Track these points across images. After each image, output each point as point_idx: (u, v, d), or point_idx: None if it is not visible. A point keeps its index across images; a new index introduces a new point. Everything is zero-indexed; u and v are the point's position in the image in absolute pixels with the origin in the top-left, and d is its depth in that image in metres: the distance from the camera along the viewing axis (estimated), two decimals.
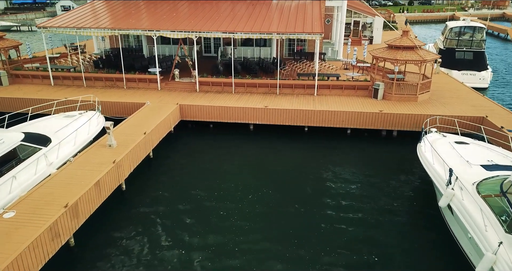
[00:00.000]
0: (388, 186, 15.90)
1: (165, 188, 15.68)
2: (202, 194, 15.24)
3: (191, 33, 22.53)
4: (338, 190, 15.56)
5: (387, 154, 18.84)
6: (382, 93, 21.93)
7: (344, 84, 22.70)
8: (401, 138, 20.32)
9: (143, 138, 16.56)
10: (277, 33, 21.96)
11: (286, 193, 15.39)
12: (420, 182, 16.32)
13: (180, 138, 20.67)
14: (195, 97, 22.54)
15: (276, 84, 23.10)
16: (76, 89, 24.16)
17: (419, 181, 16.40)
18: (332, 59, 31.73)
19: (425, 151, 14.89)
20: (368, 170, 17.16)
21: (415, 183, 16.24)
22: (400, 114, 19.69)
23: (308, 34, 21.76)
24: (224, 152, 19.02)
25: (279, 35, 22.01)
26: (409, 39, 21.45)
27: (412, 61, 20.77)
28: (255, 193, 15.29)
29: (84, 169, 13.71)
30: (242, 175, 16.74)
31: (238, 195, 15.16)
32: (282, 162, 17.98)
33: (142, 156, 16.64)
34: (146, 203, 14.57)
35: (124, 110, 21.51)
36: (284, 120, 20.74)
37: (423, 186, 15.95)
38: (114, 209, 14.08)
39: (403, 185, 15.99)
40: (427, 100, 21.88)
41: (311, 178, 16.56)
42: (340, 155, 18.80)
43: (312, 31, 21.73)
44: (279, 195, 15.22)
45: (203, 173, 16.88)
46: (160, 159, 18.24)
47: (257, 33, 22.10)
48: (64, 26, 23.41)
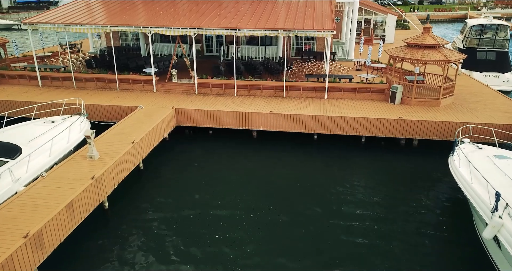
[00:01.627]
0: (410, 206, 13.71)
1: (155, 206, 13.63)
2: (198, 213, 13.16)
3: (189, 30, 20.48)
4: (351, 210, 13.40)
5: (407, 166, 16.64)
6: (400, 97, 19.72)
7: (358, 86, 20.51)
8: (422, 147, 18.10)
9: (130, 148, 14.53)
10: (284, 30, 19.84)
11: (292, 212, 13.26)
12: (449, 201, 14.11)
13: (176, 146, 18.63)
14: (193, 100, 20.49)
15: (282, 87, 20.98)
16: (64, 90, 22.23)
17: (448, 200, 14.19)
18: (342, 59, 29.53)
19: (459, 166, 12.70)
20: (386, 186, 14.98)
21: (444, 202, 14.03)
22: (423, 121, 17.46)
23: (319, 31, 19.61)
24: (223, 163, 16.95)
25: (286, 33, 19.89)
26: (432, 37, 19.22)
27: (435, 61, 18.54)
28: (257, 213, 13.18)
29: (56, 186, 11.69)
30: (243, 191, 14.65)
31: (238, 214, 13.06)
32: (288, 175, 15.86)
33: (129, 169, 14.61)
34: (132, 225, 12.53)
35: (114, 115, 19.52)
36: (291, 127, 18.61)
37: (455, 207, 13.74)
38: (92, 232, 12.05)
39: (428, 205, 13.79)
40: (450, 105, 19.62)
41: (321, 194, 14.42)
42: (354, 167, 16.63)
43: (323, 27, 19.58)
44: (284, 214, 13.09)
45: (199, 188, 14.81)
46: (151, 171, 16.20)
47: (261, 30, 19.99)
48: (51, 22, 21.48)
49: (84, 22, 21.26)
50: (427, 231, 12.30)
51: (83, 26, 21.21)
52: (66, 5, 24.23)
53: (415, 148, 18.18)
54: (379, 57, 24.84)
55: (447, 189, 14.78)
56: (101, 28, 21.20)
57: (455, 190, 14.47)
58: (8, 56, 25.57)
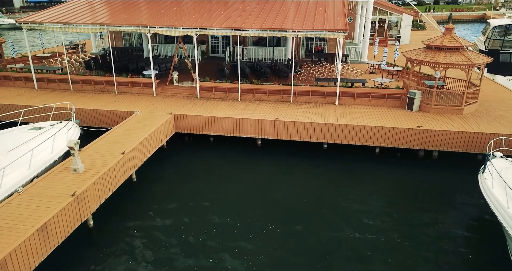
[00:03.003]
0: (431, 228, 12.11)
1: (146, 224, 12.30)
2: (193, 233, 11.77)
3: (191, 30, 19.15)
4: (362, 234, 11.85)
5: (426, 181, 15.00)
6: (418, 104, 18.07)
7: (372, 92, 18.92)
8: (443, 160, 16.44)
9: (120, 160, 13.24)
10: (293, 30, 18.36)
11: (297, 233, 11.80)
12: (477, 223, 12.47)
13: (174, 155, 17.31)
14: (194, 105, 19.15)
15: (289, 91, 19.51)
16: (60, 93, 21.12)
17: (475, 222, 12.55)
18: (355, 61, 27.89)
19: (492, 186, 11.10)
20: (403, 204, 13.40)
21: (470, 225, 12.38)
22: (445, 131, 15.81)
23: (330, 32, 18.09)
24: (224, 175, 15.56)
25: (294, 33, 18.41)
26: (454, 38, 17.53)
27: (458, 65, 16.86)
28: (258, 233, 11.76)
29: (32, 204, 10.44)
30: (244, 206, 13.23)
31: (235, 234, 11.64)
32: (293, 190, 14.38)
33: (119, 182, 13.32)
34: (119, 246, 11.22)
35: (109, 120, 18.30)
36: (298, 135, 17.13)
37: (483, 231, 12.08)
38: (73, 256, 10.78)
39: (452, 228, 12.16)
40: (474, 113, 17.90)
41: (329, 213, 12.91)
42: (366, 181, 15.07)
43: (334, 28, 18.05)
44: (289, 236, 11.63)
45: (196, 204, 13.44)
46: (145, 183, 14.89)
47: (268, 30, 18.55)
48: (47, 22, 20.39)
49: (80, 21, 20.11)
50: (452, 260, 10.71)
51: (79, 25, 20.06)
52: (65, 4, 23.17)
53: (435, 160, 16.53)
54: (394, 60, 23.20)
55: (474, 209, 13.13)
56: (98, 27, 20.01)
57: (483, 209, 12.85)
58: (7, 57, 24.62)
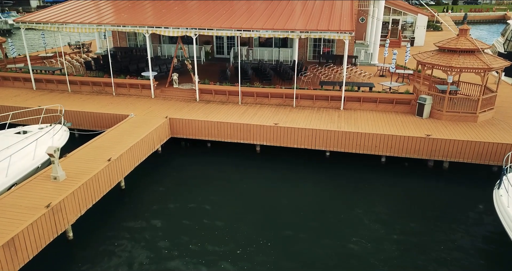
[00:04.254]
0: (439, 248, 11.01)
1: (132, 236, 11.53)
2: (184, 246, 10.96)
3: (190, 30, 18.38)
4: (364, 252, 10.85)
5: (436, 194, 13.87)
6: (429, 110, 16.88)
7: (379, 96, 17.80)
8: (454, 171, 15.25)
9: (105, 167, 12.52)
10: (296, 31, 17.40)
11: (294, 245, 10.86)
12: (491, 244, 11.30)
13: (168, 161, 16.56)
14: (191, 108, 18.37)
15: (292, 95, 18.55)
16: (58, 95, 20.62)
17: (489, 242, 11.38)
18: (365, 63, 26.73)
19: (508, 204, 10.00)
20: (409, 219, 12.31)
21: (484, 245, 11.22)
22: (456, 141, 14.63)
23: (335, 33, 17.06)
24: (220, 182, 14.71)
25: (297, 34, 17.44)
26: (469, 40, 16.30)
27: (473, 69, 15.64)
28: (254, 244, 10.86)
29: (3, 216, 9.78)
30: (238, 220, 12.33)
31: (227, 253, 10.77)
32: (293, 201, 13.43)
33: (104, 191, 12.60)
34: (100, 260, 10.48)
35: (103, 123, 17.66)
36: (299, 142, 16.17)
37: (496, 255, 10.92)
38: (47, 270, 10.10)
39: (464, 247, 11.04)
40: (490, 121, 16.63)
41: (329, 226, 11.92)
42: (370, 193, 14.03)
43: (340, 29, 17.01)
44: (286, 247, 10.70)
45: (188, 214, 12.62)
46: (135, 191, 14.15)
47: (270, 30, 17.63)
48: (44, 21, 19.91)
49: (77, 21, 19.56)
50: None
51: (77, 25, 19.51)
52: (64, 4, 22.70)
53: (445, 172, 15.35)
54: (405, 62, 21.97)
55: (487, 228, 11.96)
56: (95, 27, 19.43)
57: (497, 229, 11.66)
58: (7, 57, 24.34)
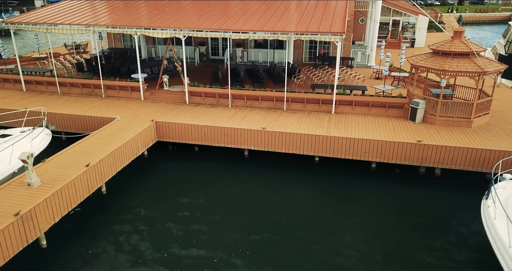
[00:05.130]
0: (429, 260, 10.55)
1: (111, 243, 11.20)
2: (164, 253, 10.61)
3: (179, 31, 18.05)
4: (354, 261, 10.42)
5: (427, 202, 13.38)
6: (422, 115, 16.40)
7: (371, 100, 17.34)
8: (447, 178, 14.77)
9: (82, 173, 12.20)
10: (286, 32, 16.99)
11: (278, 261, 10.46)
12: (484, 256, 10.82)
13: (154, 165, 16.22)
14: (180, 111, 18.04)
15: (283, 98, 18.15)
16: (47, 97, 20.40)
17: (481, 253, 10.90)
18: (362, 65, 26.24)
19: (495, 216, 9.53)
20: (398, 229, 11.85)
21: (476, 256, 10.74)
22: (448, 147, 14.14)
23: (326, 35, 16.63)
24: (207, 188, 14.32)
25: (287, 35, 17.03)
26: (463, 43, 15.79)
27: (466, 73, 15.13)
28: (239, 252, 10.48)
29: None
30: (222, 227, 11.94)
31: (209, 260, 10.40)
32: (280, 208, 13.02)
33: (81, 197, 12.28)
34: (74, 269, 10.20)
35: (89, 126, 17.37)
36: (287, 147, 15.77)
37: (491, 267, 10.45)
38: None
39: (453, 258, 10.57)
40: (485, 126, 16.11)
41: (316, 232, 11.50)
42: (359, 200, 13.58)
43: (330, 30, 16.57)
44: (268, 264, 10.31)
45: (170, 223, 12.25)
46: (117, 196, 13.83)
47: (260, 32, 17.24)
48: (33, 22, 19.69)
49: (66, 22, 19.31)
50: None
51: (65, 26, 19.27)
52: (56, 4, 22.48)
53: (438, 179, 14.86)
54: (401, 65, 21.45)
55: (476, 240, 11.47)
56: (84, 28, 19.17)
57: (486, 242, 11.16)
58: None
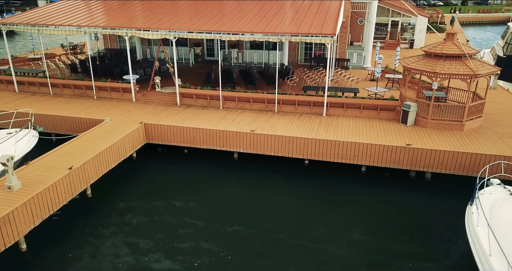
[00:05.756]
0: (416, 267, 10.34)
1: (93, 250, 11.07)
2: (149, 258, 10.48)
3: (169, 33, 17.93)
4: (337, 267, 10.26)
5: (415, 207, 13.14)
6: (413, 118, 16.17)
7: (363, 103, 17.13)
8: (437, 182, 14.53)
9: (65, 176, 12.10)
10: (276, 34, 16.82)
11: (265, 260, 10.32)
12: (473, 262, 10.61)
13: (143, 167, 16.10)
14: (170, 113, 17.92)
15: (274, 100, 17.98)
16: (38, 98, 20.35)
17: (470, 260, 10.68)
18: (358, 67, 26.02)
19: (477, 223, 9.32)
20: (386, 234, 11.63)
21: (465, 263, 10.52)
22: (437, 151, 13.91)
23: (316, 36, 16.44)
24: (193, 191, 14.15)
25: (277, 37, 16.86)
26: (455, 45, 15.54)
27: (458, 75, 14.89)
28: (224, 258, 10.33)
29: None
30: (207, 231, 11.77)
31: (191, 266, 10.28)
32: (266, 213, 12.81)
33: (63, 201, 12.16)
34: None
35: (78, 128, 17.29)
36: (276, 150, 15.60)
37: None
38: None
39: (442, 265, 10.36)
40: (477, 129, 15.85)
41: (304, 243, 11.32)
42: (348, 204, 13.36)
43: (321, 32, 16.38)
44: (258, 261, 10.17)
45: (156, 224, 12.13)
46: (102, 199, 13.71)
47: (249, 33, 17.10)
48: (25, 23, 19.65)
49: (57, 23, 19.25)
50: None
51: (57, 27, 19.21)
52: (49, 5, 22.44)
53: (428, 183, 14.63)
54: (395, 66, 21.23)
55: (462, 247, 11.24)
56: (74, 29, 19.10)
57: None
58: None
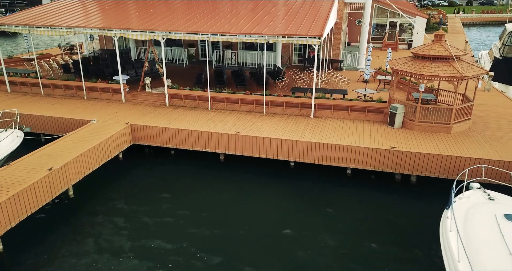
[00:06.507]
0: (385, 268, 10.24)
1: (71, 252, 11.05)
2: (129, 262, 10.46)
3: (157, 33, 17.91)
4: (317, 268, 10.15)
5: (401, 210, 12.98)
6: (401, 120, 16.00)
7: (351, 104, 16.98)
8: (423, 185, 14.35)
9: (44, 177, 12.10)
10: (262, 35, 16.74)
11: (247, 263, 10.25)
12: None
13: (128, 168, 16.08)
14: (158, 114, 17.90)
15: (262, 101, 17.88)
16: (29, 98, 20.44)
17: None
18: (352, 68, 25.85)
19: (450, 228, 9.15)
20: (369, 239, 11.49)
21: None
22: (421, 154, 13.74)
23: (302, 38, 16.33)
24: (178, 193, 14.10)
25: (264, 38, 16.77)
26: (443, 47, 15.35)
27: (444, 77, 14.69)
28: (207, 261, 10.29)
29: None
30: (187, 234, 11.73)
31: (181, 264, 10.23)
32: (252, 215, 12.73)
33: (42, 202, 12.16)
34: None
35: (66, 129, 17.31)
36: (261, 152, 15.51)
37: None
38: None
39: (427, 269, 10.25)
40: (465, 132, 15.64)
41: (286, 247, 11.23)
42: (332, 208, 13.21)
43: (308, 33, 16.26)
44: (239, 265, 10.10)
45: (138, 227, 12.09)
46: (84, 200, 13.70)
47: (236, 35, 17.02)
48: (15, 24, 19.75)
49: (48, 24, 19.32)
50: None
51: (47, 28, 19.28)
52: (42, 6, 22.54)
53: (413, 186, 14.45)
54: (387, 68, 21.04)
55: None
56: (65, 30, 19.15)
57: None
58: None
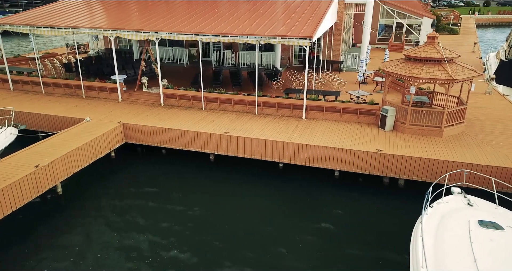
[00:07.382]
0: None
1: (55, 250, 11.29)
2: (117, 261, 10.65)
3: (152, 34, 18.11)
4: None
5: (388, 214, 12.83)
6: (392, 123, 15.79)
7: (342, 106, 16.83)
8: (410, 189, 14.14)
9: (30, 173, 12.38)
10: (254, 35, 16.74)
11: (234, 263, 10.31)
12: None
13: (120, 166, 16.31)
14: (151, 113, 18.09)
15: (255, 102, 17.89)
16: (30, 96, 20.91)
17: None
18: (352, 69, 25.62)
19: (421, 233, 9.00)
20: (351, 242, 11.42)
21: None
22: (407, 157, 13.55)
23: (293, 39, 16.27)
24: (167, 192, 14.25)
25: (256, 39, 16.77)
26: (435, 49, 15.07)
27: (435, 80, 14.44)
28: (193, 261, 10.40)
29: None
30: (178, 234, 11.84)
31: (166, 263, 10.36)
32: (239, 215, 12.79)
33: (27, 198, 12.42)
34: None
35: (61, 126, 17.64)
36: (249, 153, 15.52)
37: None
38: None
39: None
40: (457, 136, 15.34)
41: (272, 243, 11.24)
42: (318, 210, 13.13)
43: (299, 34, 16.19)
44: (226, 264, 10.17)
45: (127, 225, 12.29)
46: (73, 197, 13.96)
47: (228, 35, 17.07)
48: (17, 24, 20.24)
49: (47, 24, 19.73)
50: None
51: (46, 28, 19.69)
52: (44, 6, 23.02)
53: (401, 190, 14.26)
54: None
55: None
56: (63, 31, 19.53)
57: None
58: None
